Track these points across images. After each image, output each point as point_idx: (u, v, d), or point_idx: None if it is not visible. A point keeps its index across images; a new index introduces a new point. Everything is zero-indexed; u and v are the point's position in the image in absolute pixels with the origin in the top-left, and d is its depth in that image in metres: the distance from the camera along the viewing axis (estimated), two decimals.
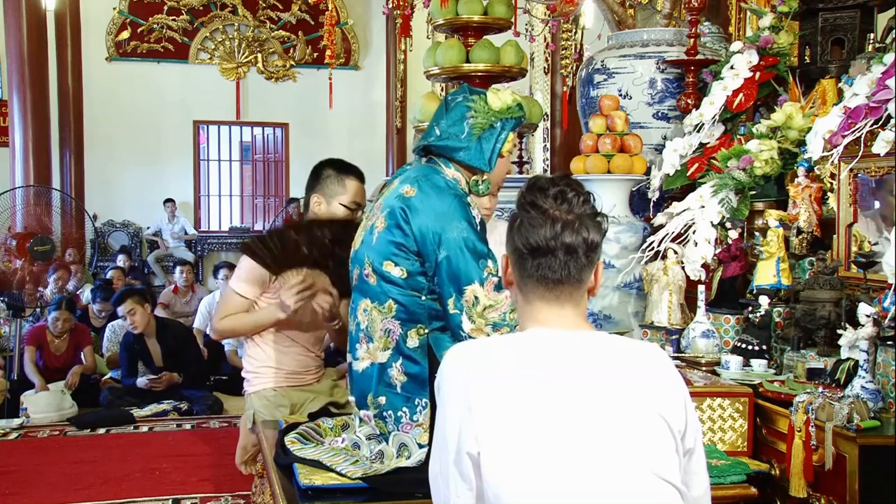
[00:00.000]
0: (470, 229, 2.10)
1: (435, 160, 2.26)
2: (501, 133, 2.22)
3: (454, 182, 2.21)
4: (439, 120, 2.27)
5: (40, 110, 8.28)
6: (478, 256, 2.07)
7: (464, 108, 2.24)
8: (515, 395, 1.37)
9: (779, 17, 3.67)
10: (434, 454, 1.48)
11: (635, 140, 3.97)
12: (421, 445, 2.12)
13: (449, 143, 2.23)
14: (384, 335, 2.15)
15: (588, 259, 1.43)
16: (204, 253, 11.71)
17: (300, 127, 12.16)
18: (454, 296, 2.07)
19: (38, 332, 5.94)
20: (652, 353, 1.46)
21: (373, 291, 2.17)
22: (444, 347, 2.14)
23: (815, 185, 3.06)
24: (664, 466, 1.37)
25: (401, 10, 5.05)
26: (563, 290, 1.44)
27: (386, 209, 2.17)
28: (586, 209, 1.43)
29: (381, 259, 2.15)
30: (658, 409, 1.38)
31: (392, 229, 2.13)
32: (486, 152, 2.21)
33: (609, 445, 1.35)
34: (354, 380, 2.23)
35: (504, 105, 2.23)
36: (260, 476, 2.93)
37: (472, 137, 2.21)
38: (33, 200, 6.47)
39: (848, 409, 2.16)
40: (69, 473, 4.38)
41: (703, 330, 3.03)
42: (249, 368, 3.07)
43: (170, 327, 6.15)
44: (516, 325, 2.05)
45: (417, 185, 2.15)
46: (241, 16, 12.05)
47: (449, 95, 2.32)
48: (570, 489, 1.33)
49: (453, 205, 2.11)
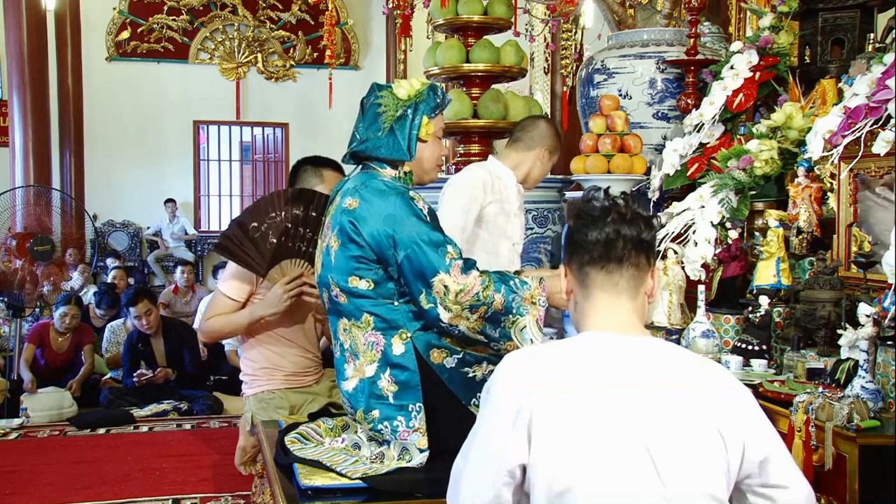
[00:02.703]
0: (420, 223, 2.10)
1: (369, 165, 2.27)
2: (414, 119, 2.22)
3: (393, 181, 2.22)
4: (358, 125, 2.29)
5: (40, 110, 8.29)
6: (436, 246, 2.07)
7: (375, 105, 2.25)
8: (570, 407, 1.37)
9: (779, 17, 3.67)
10: (464, 453, 1.47)
11: (635, 140, 3.97)
12: (421, 450, 2.12)
13: (369, 143, 2.24)
14: (369, 349, 2.15)
15: (646, 252, 1.47)
16: (204, 253, 11.71)
17: (300, 127, 12.16)
18: (424, 291, 2.07)
19: (41, 330, 5.94)
20: (710, 364, 1.47)
21: (347, 310, 2.17)
22: (430, 346, 2.14)
23: (815, 185, 3.06)
24: (715, 484, 1.37)
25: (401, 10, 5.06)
26: (621, 276, 1.46)
27: (335, 227, 2.18)
28: (640, 211, 1.49)
29: (345, 277, 2.15)
30: (717, 425, 1.38)
31: (346, 245, 2.13)
32: (401, 142, 2.21)
33: (666, 462, 1.35)
34: (346, 399, 2.23)
35: (411, 91, 2.24)
36: (260, 476, 2.93)
37: (385, 131, 2.21)
38: (33, 200, 6.46)
39: (848, 409, 2.16)
40: (69, 473, 4.38)
41: (703, 330, 3.02)
42: (247, 371, 3.07)
43: (174, 327, 6.16)
44: (491, 300, 2.05)
45: (358, 194, 2.16)
46: (241, 16, 12.05)
47: (363, 98, 2.32)
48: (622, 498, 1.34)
49: (398, 203, 2.12)
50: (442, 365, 2.14)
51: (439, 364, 2.14)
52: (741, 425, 1.40)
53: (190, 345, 6.08)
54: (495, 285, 2.07)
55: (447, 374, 2.14)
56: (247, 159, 12.78)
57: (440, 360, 2.15)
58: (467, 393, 2.15)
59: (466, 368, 2.16)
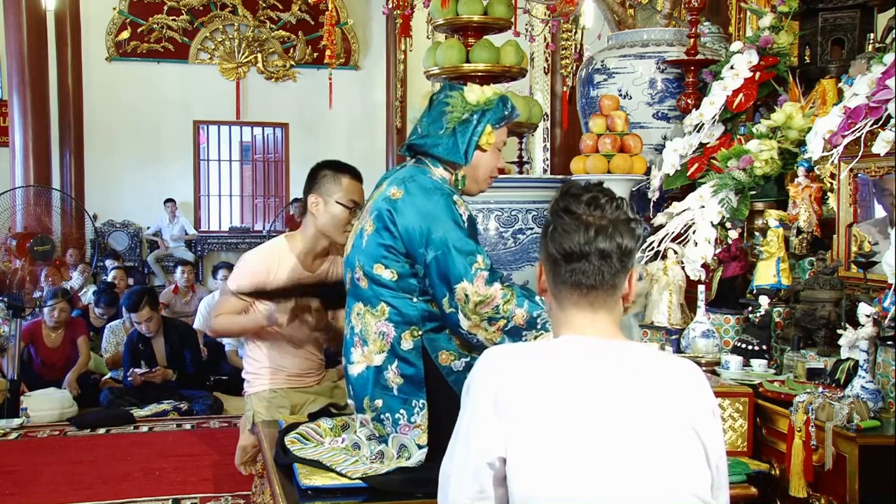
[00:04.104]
0: (456, 228, 2.09)
1: (423, 160, 2.27)
2: (478, 126, 2.21)
3: (442, 181, 2.21)
4: (422, 119, 2.29)
5: (40, 110, 8.29)
6: (465, 254, 2.07)
7: (443, 104, 2.25)
8: (547, 403, 1.36)
9: (779, 17, 3.67)
10: (449, 453, 1.47)
11: (635, 140, 3.96)
12: (420, 446, 2.13)
13: (428, 139, 2.24)
14: (378, 338, 2.15)
15: (622, 265, 1.42)
16: (204, 253, 11.71)
17: (300, 127, 12.16)
18: (447, 295, 2.08)
19: (33, 328, 5.95)
20: (683, 366, 1.46)
21: (365, 295, 2.17)
22: (439, 348, 2.15)
23: (815, 185, 3.05)
24: (698, 483, 1.37)
25: (401, 10, 5.05)
26: (597, 297, 1.43)
27: (374, 212, 2.18)
28: (620, 215, 1.42)
29: (371, 262, 2.15)
30: (691, 422, 1.38)
31: (380, 232, 2.14)
32: (460, 145, 2.20)
33: (644, 460, 1.34)
34: (351, 384, 2.23)
35: (481, 98, 2.23)
36: (260, 476, 2.93)
37: (448, 131, 2.21)
38: (33, 200, 6.46)
39: (848, 409, 2.16)
40: (69, 473, 4.38)
41: (703, 330, 3.02)
42: (250, 370, 3.07)
43: (175, 327, 6.17)
44: (512, 314, 2.05)
45: (404, 186, 2.16)
46: (241, 16, 12.05)
47: (433, 94, 2.32)
48: (602, 500, 1.33)
49: (440, 204, 2.11)
50: (449, 367, 2.15)
51: (447, 366, 2.15)
52: (710, 425, 1.40)
53: (191, 345, 6.09)
54: (517, 300, 2.07)
55: (454, 377, 2.15)
56: (247, 159, 12.78)
57: (448, 362, 2.16)
58: None
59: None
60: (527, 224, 4.17)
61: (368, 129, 12.27)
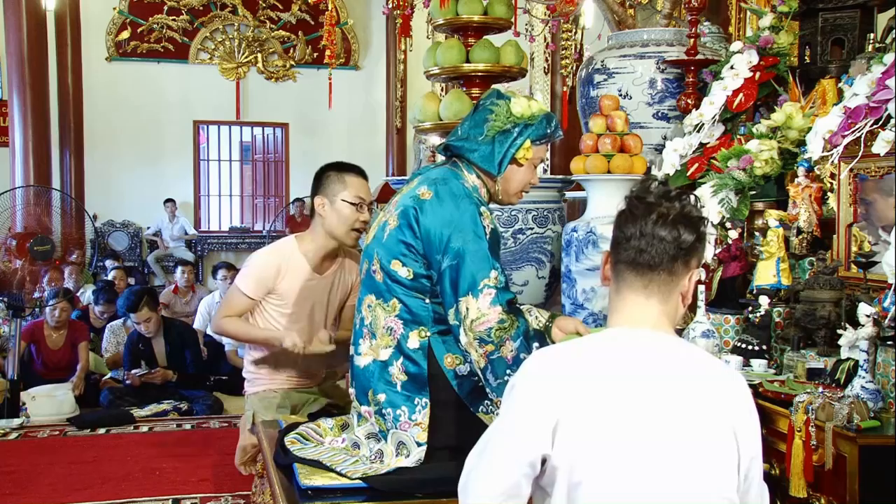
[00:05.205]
0: (476, 240, 2.08)
1: (458, 163, 2.26)
2: (517, 139, 2.20)
3: (473, 189, 2.21)
4: (465, 121, 2.28)
5: (40, 110, 8.28)
6: (478, 268, 2.06)
7: (487, 110, 2.24)
8: (594, 399, 1.38)
9: (779, 17, 3.67)
10: (479, 449, 1.47)
11: (635, 140, 3.96)
12: (419, 444, 2.13)
13: (466, 143, 2.23)
14: (386, 333, 2.16)
15: (680, 253, 1.44)
16: (204, 253, 11.71)
17: (300, 127, 12.17)
18: (454, 306, 2.08)
19: (34, 328, 5.95)
20: (725, 367, 1.49)
21: (379, 288, 2.18)
22: (445, 351, 2.15)
23: (815, 185, 3.05)
24: (728, 484, 1.40)
25: (401, 10, 5.05)
26: (651, 280, 1.45)
27: (400, 207, 2.18)
28: (689, 210, 1.45)
29: (389, 257, 2.15)
30: (732, 424, 1.40)
31: (403, 228, 2.14)
32: (496, 155, 2.20)
33: (684, 457, 1.37)
34: (356, 374, 2.24)
35: (525, 111, 2.21)
36: (260, 476, 2.93)
37: (487, 138, 2.21)
38: (33, 200, 6.47)
39: (848, 409, 2.16)
40: (69, 473, 4.37)
41: (703, 330, 3.02)
42: (250, 369, 3.07)
43: (175, 327, 6.16)
44: (501, 343, 2.02)
45: (434, 187, 2.15)
46: (241, 16, 12.05)
47: (481, 98, 2.31)
48: (642, 499, 1.35)
49: (465, 213, 2.10)
50: (454, 371, 2.16)
51: (452, 369, 2.16)
52: (747, 428, 1.43)
53: (191, 345, 6.09)
54: (514, 332, 2.05)
55: (457, 381, 2.15)
56: (247, 159, 12.79)
57: (453, 365, 2.16)
58: (475, 399, 2.16)
59: (477, 377, 2.16)
60: (527, 224, 4.17)
61: (368, 129, 12.28)
